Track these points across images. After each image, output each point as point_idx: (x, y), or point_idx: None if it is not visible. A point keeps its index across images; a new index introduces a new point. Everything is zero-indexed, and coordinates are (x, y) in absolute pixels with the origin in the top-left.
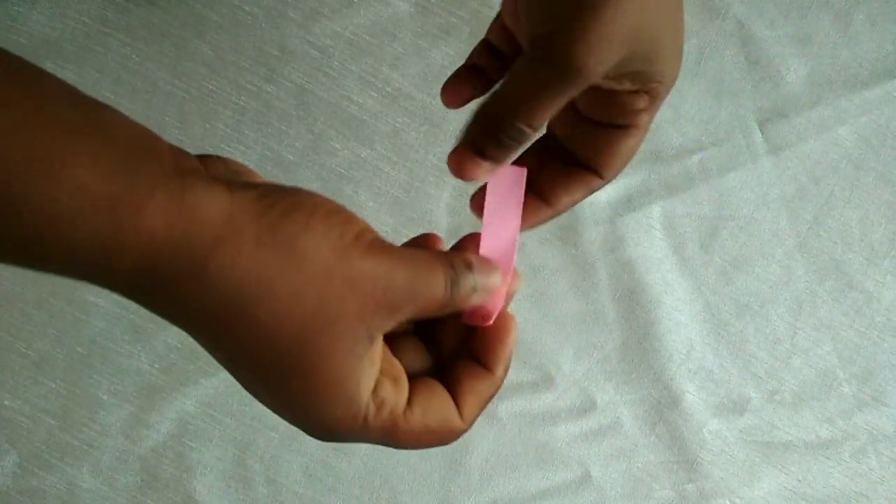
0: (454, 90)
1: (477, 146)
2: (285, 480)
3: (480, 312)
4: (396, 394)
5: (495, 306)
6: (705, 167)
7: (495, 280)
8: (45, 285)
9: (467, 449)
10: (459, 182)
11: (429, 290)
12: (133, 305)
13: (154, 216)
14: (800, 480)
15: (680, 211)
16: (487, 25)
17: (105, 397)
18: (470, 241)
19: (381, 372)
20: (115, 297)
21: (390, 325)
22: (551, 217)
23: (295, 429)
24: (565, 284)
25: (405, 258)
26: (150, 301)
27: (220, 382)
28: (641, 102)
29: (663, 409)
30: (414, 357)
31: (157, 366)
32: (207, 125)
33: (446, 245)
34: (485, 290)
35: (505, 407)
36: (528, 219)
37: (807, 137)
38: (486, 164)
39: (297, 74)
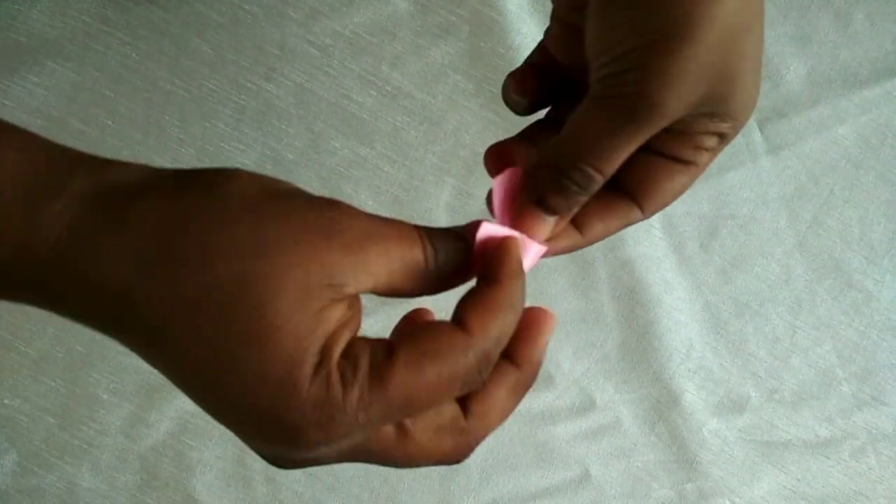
0: (523, 79)
1: (537, 194)
2: (285, 479)
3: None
4: (373, 343)
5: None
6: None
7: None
8: None
9: None
10: (459, 181)
11: (397, 235)
12: None
13: (75, 182)
14: (799, 480)
15: (679, 210)
16: (487, 24)
17: (105, 396)
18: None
19: (355, 338)
20: None
21: (359, 273)
22: (579, 246)
23: None
24: (565, 283)
25: (362, 212)
26: (67, 276)
27: None
28: (710, 142)
29: (663, 408)
30: None
31: None
32: (207, 124)
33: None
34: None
35: None
36: (554, 243)
37: (806, 137)
38: (549, 219)
39: (297, 73)
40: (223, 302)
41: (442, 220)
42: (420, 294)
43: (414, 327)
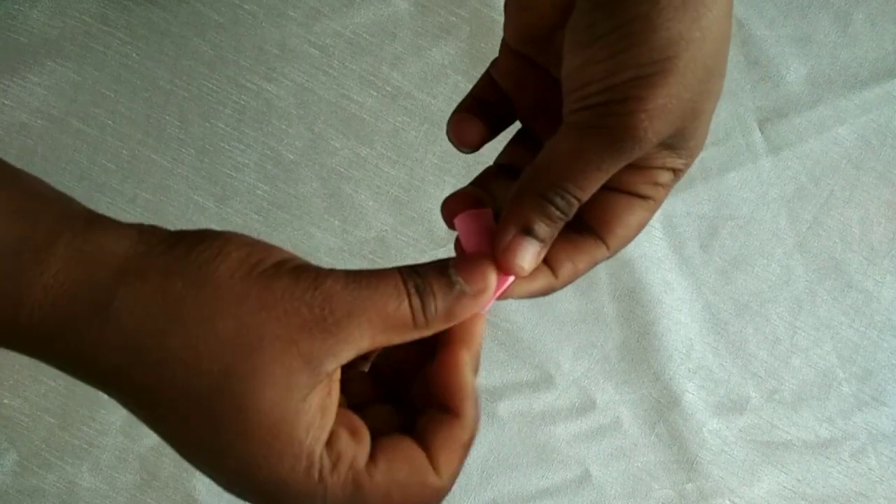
0: (462, 129)
1: (523, 222)
2: None
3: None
4: (356, 447)
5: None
6: (705, 167)
7: (487, 277)
8: None
9: None
10: (459, 181)
11: (381, 298)
12: None
13: (58, 257)
14: (799, 480)
15: (680, 210)
16: (487, 25)
17: (105, 396)
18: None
19: (336, 422)
20: None
21: (340, 351)
22: (554, 288)
23: None
24: None
25: (343, 272)
26: (56, 349)
27: None
28: (665, 177)
29: (663, 408)
30: (379, 416)
31: None
32: (208, 124)
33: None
34: (476, 288)
35: (504, 406)
36: (531, 282)
37: (806, 137)
38: (535, 246)
39: (297, 73)
40: (208, 397)
41: (441, 220)
42: (410, 340)
43: (395, 445)
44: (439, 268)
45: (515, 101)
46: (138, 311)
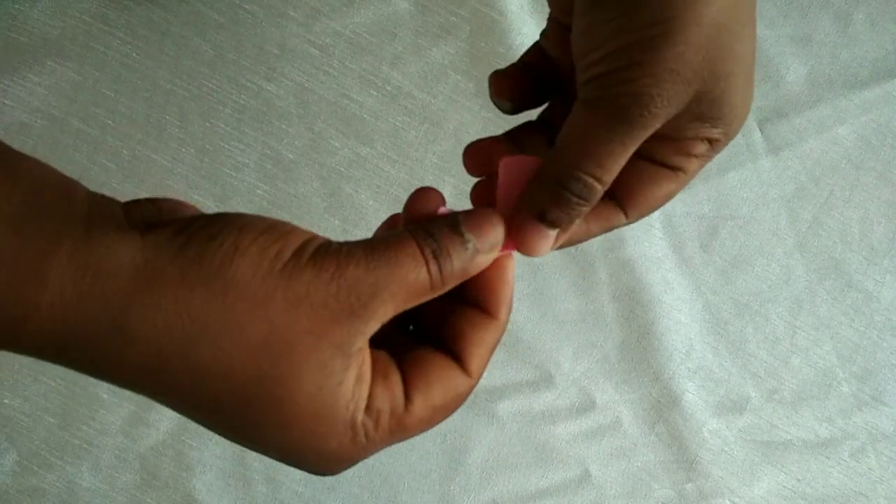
0: (502, 81)
1: (537, 208)
2: (285, 479)
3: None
4: (391, 395)
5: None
6: (705, 167)
7: (496, 232)
8: None
9: (467, 448)
10: (459, 181)
11: (402, 270)
12: None
13: (61, 273)
14: (799, 480)
15: (679, 210)
16: (488, 24)
17: (105, 395)
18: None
19: (371, 379)
20: None
21: (368, 328)
22: (560, 246)
23: None
24: (565, 283)
25: (360, 249)
26: (75, 365)
27: None
28: (700, 148)
29: (663, 408)
30: (398, 340)
31: None
32: (208, 124)
33: None
34: (488, 245)
35: (504, 406)
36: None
37: (806, 137)
38: (550, 233)
39: (297, 73)
40: (245, 403)
41: None
42: (434, 306)
43: (425, 367)
44: (451, 225)
45: (562, 70)
46: (160, 327)
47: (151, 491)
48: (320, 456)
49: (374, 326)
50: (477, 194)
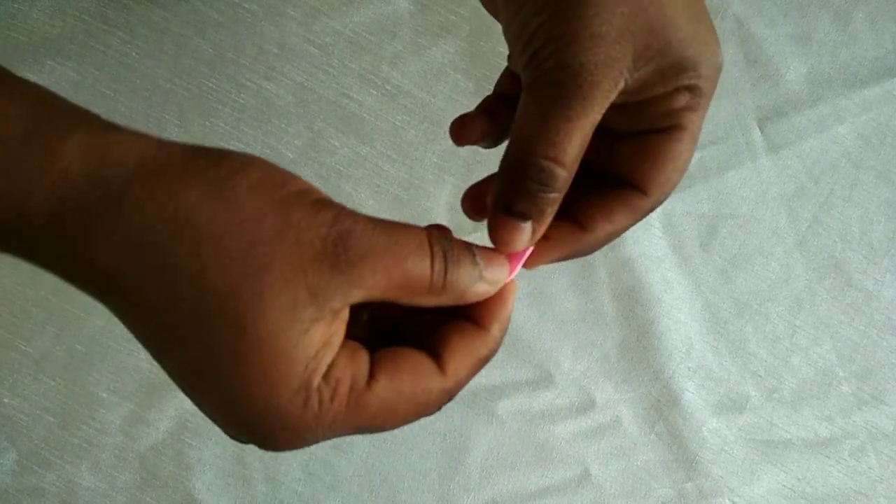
0: (462, 127)
1: (504, 203)
2: (284, 479)
3: None
4: (354, 367)
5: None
6: (705, 166)
7: (503, 270)
8: (44, 283)
9: (466, 447)
10: (459, 180)
11: (402, 250)
12: None
13: (71, 150)
14: (799, 479)
15: (679, 209)
16: (487, 24)
17: (104, 395)
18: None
19: (337, 353)
20: None
21: (349, 291)
22: (589, 247)
23: None
24: (565, 283)
25: (368, 218)
26: (58, 246)
27: None
28: (681, 100)
29: (663, 407)
30: (370, 335)
31: (156, 364)
32: (207, 123)
33: None
34: (492, 277)
35: (504, 405)
36: (562, 247)
37: (806, 136)
38: (523, 225)
39: (296, 72)
40: (208, 313)
41: (442, 219)
42: (425, 306)
43: (396, 355)
44: (466, 246)
45: None
46: (149, 213)
47: (151, 490)
48: (266, 411)
49: (356, 294)
50: (467, 203)
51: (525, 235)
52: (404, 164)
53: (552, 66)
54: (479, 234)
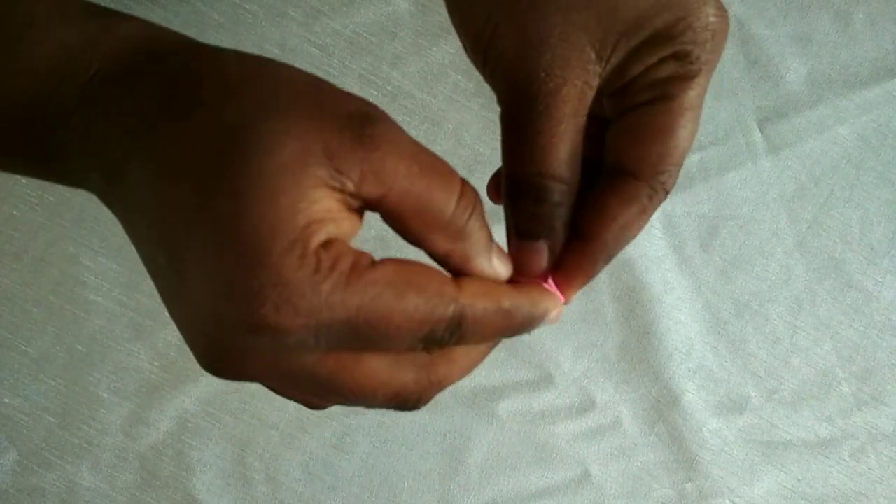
0: (497, 183)
1: (513, 227)
2: (285, 479)
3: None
4: (358, 252)
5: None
6: (705, 166)
7: (504, 269)
8: (45, 283)
9: (467, 447)
10: None
11: (433, 171)
12: (133, 303)
13: (128, 25)
14: (799, 479)
15: (679, 210)
16: None
17: (105, 395)
18: None
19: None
20: (116, 294)
21: (364, 172)
22: (603, 255)
23: (295, 427)
24: None
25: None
26: (106, 93)
27: (220, 381)
28: (666, 69)
29: (663, 408)
30: None
31: (156, 364)
32: None
33: None
34: (494, 268)
35: (504, 405)
36: (574, 269)
37: (806, 137)
38: (537, 244)
39: None
40: (217, 147)
41: None
42: (430, 249)
43: (407, 260)
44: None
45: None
46: (187, 59)
47: (151, 490)
48: (258, 260)
49: (371, 183)
50: (492, 190)
51: (541, 255)
52: None
53: (506, 80)
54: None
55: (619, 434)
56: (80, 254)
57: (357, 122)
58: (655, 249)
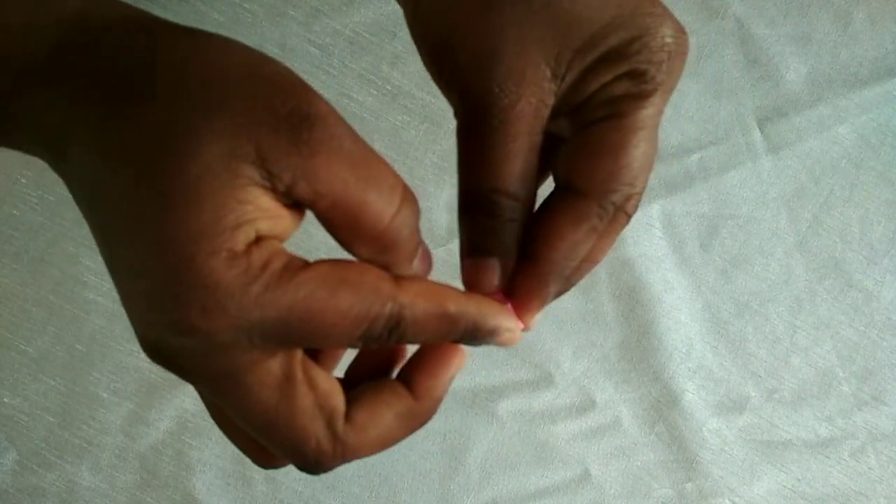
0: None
1: (466, 243)
2: (285, 478)
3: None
4: (293, 256)
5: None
6: (705, 166)
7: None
8: (45, 283)
9: (466, 447)
10: None
11: (373, 179)
12: None
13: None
14: (799, 479)
15: (679, 210)
16: None
17: (105, 395)
18: None
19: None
20: (116, 294)
21: (296, 177)
22: (555, 276)
23: None
24: None
25: (350, 128)
26: (70, 66)
27: None
28: (619, 87)
29: (663, 407)
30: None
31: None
32: None
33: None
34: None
35: (504, 405)
36: (528, 292)
37: (806, 136)
38: (489, 261)
39: (297, 72)
40: (140, 146)
41: (442, 219)
42: (354, 253)
43: (343, 260)
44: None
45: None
46: (119, 38)
47: (151, 490)
48: (185, 268)
49: (302, 189)
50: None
51: (493, 272)
52: (404, 164)
53: (460, 94)
54: None
55: (619, 434)
56: (80, 254)
57: (295, 123)
58: (655, 249)
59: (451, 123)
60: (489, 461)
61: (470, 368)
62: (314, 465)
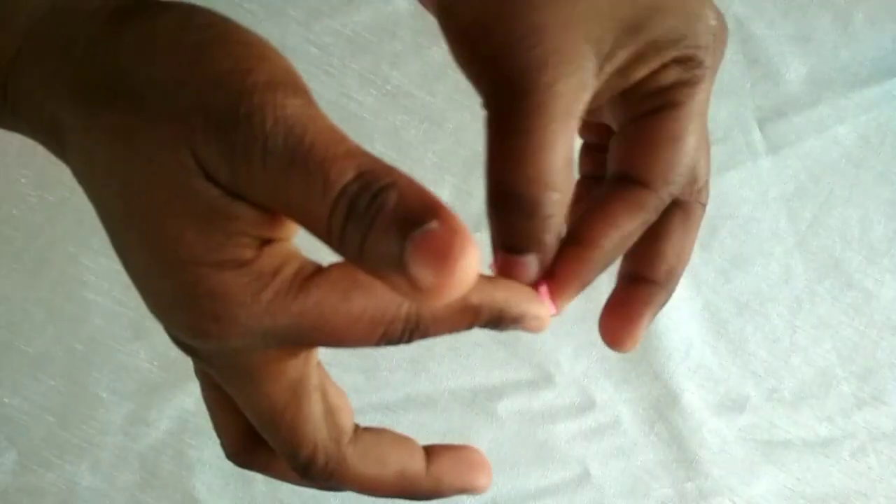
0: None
1: (498, 241)
2: None
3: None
4: (308, 263)
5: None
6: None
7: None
8: (44, 283)
9: None
10: (459, 180)
11: (316, 157)
12: (133, 303)
13: None
14: (799, 479)
15: None
16: None
17: (104, 395)
18: None
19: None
20: (116, 294)
21: (229, 146)
22: (600, 264)
23: None
24: None
25: (315, 114)
26: (22, 92)
27: None
28: (671, 75)
29: (662, 407)
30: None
31: (156, 363)
32: None
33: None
34: (419, 280)
35: (504, 405)
36: (570, 277)
37: (806, 136)
38: (524, 259)
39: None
40: (125, 156)
41: None
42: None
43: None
44: (405, 214)
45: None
46: (88, 33)
47: (151, 490)
48: (193, 281)
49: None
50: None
51: (530, 269)
52: (404, 164)
53: (493, 78)
54: (479, 233)
55: (618, 433)
56: (80, 254)
57: (226, 127)
58: None
59: (451, 123)
60: (489, 461)
61: (470, 368)
62: (304, 467)
